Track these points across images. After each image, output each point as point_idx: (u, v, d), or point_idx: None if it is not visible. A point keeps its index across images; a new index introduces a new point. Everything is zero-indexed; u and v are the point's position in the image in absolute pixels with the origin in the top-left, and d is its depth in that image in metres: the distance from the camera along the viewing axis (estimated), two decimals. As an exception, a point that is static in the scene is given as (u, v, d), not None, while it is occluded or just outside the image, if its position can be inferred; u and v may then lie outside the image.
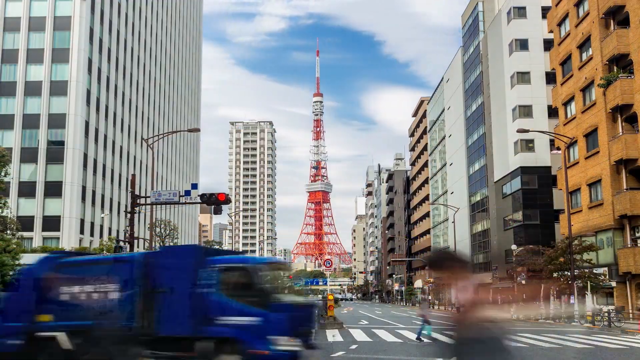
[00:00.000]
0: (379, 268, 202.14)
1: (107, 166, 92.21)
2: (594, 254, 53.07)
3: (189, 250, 20.86)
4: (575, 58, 59.59)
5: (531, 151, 75.42)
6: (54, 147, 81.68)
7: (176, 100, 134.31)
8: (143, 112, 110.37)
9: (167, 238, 75.22)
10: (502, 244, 79.50)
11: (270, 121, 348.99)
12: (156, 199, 37.38)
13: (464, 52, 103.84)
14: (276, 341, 16.14)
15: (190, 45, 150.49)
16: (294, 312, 17.30)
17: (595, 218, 55.10)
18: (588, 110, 56.51)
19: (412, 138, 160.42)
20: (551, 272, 51.90)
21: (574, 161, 59.31)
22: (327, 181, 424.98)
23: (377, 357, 21.69)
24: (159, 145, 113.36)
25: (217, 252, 20.83)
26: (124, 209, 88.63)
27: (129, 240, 38.51)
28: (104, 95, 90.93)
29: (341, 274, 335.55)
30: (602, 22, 54.64)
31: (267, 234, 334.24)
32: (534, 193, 74.90)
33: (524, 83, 76.72)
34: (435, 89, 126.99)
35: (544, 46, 76.27)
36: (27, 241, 77.85)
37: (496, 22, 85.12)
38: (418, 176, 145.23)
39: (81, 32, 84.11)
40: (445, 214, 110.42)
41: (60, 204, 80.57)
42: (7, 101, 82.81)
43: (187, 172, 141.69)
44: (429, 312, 31.51)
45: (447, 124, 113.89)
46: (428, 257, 8.13)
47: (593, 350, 24.58)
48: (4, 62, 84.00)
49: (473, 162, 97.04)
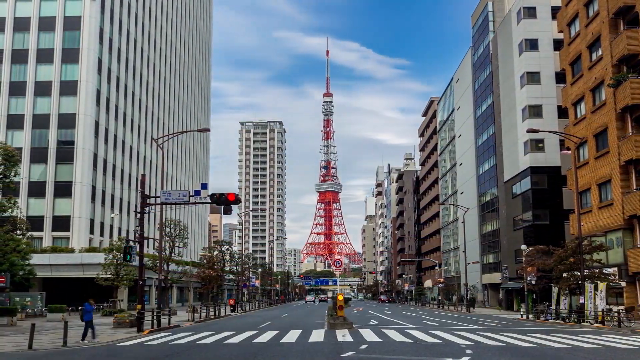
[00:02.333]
0: (389, 268, 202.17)
1: (117, 166, 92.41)
2: (603, 254, 52.92)
3: None
4: (585, 58, 59.44)
5: (541, 151, 75.24)
6: (64, 147, 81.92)
7: (186, 100, 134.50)
8: (153, 112, 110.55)
9: (177, 238, 75.11)
10: (512, 244, 79.37)
11: (280, 121, 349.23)
12: (166, 199, 37.42)
13: (474, 52, 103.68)
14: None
15: (200, 45, 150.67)
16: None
17: (605, 218, 54.97)
18: (598, 110, 56.36)
19: (422, 138, 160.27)
20: (561, 272, 51.75)
21: (584, 161, 59.17)
22: (336, 181, 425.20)
23: (387, 357, 21.67)
24: (169, 145, 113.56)
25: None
26: (134, 208, 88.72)
27: (139, 240, 38.53)
28: (113, 95, 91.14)
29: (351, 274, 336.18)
30: (612, 22, 54.50)
31: (277, 233, 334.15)
32: (544, 193, 74.74)
33: (533, 83, 76.55)
34: (445, 89, 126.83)
35: (554, 46, 76.09)
36: (37, 241, 78.18)
37: (506, 22, 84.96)
38: (428, 176, 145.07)
39: (91, 32, 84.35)
40: (455, 214, 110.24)
41: (70, 204, 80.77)
42: (17, 101, 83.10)
43: (197, 172, 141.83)
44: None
45: (457, 124, 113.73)
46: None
47: (603, 350, 24.51)
48: (14, 62, 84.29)
49: (483, 162, 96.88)
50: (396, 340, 28.12)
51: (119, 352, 24.74)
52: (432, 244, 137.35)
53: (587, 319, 45.21)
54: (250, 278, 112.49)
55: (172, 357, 22.18)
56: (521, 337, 30.66)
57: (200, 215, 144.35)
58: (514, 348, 24.65)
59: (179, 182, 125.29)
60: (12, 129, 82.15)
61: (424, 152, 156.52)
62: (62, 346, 27.33)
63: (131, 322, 39.39)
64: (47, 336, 33.29)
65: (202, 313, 54.52)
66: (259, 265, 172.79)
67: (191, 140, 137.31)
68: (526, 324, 47.32)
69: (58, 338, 30.29)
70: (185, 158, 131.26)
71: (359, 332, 33.55)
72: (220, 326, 41.52)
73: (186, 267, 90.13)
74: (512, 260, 79.00)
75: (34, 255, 65.88)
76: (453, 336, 30.69)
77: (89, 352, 25.24)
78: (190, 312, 52.30)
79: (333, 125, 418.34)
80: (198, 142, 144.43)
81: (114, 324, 40.78)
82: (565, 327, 42.36)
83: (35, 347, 26.53)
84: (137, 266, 40.88)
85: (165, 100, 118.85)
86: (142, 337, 32.60)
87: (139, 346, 27.20)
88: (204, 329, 37.86)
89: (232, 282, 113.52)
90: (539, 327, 41.06)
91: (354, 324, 39.77)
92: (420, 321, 49.32)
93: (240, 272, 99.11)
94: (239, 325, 42.91)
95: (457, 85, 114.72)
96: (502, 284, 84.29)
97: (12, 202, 47.49)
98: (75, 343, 28.61)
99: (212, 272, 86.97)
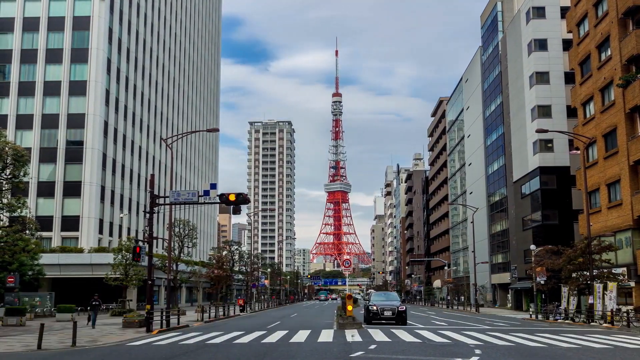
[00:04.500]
0: (398, 268, 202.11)
1: (126, 166, 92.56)
2: (612, 254, 52.83)
3: None
4: (594, 58, 59.35)
5: (550, 151, 75.14)
6: (73, 147, 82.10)
7: (195, 100, 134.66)
8: (162, 112, 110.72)
9: (186, 238, 75.26)
10: (521, 244, 79.28)
11: (289, 121, 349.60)
12: (175, 199, 37.46)
13: (483, 52, 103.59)
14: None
15: (209, 45, 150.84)
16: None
17: (614, 218, 54.88)
18: (607, 110, 56.26)
19: (431, 138, 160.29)
20: (570, 272, 51.68)
21: (593, 161, 59.08)
22: (345, 181, 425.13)
23: (396, 357, 21.63)
24: (178, 145, 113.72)
25: None
26: (143, 208, 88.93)
27: (148, 240, 38.57)
28: (122, 95, 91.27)
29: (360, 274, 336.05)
30: (621, 22, 54.39)
31: (286, 233, 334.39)
32: (553, 193, 74.63)
33: (543, 83, 76.45)
34: (454, 89, 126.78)
35: (563, 46, 76.00)
36: (46, 241, 78.36)
37: (515, 22, 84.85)
38: (437, 176, 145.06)
39: (100, 32, 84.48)
40: (464, 214, 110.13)
41: (79, 204, 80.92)
42: (26, 101, 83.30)
43: (206, 172, 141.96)
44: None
45: (466, 124, 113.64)
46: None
47: (612, 350, 24.44)
48: (23, 62, 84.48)
49: (492, 162, 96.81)
50: (405, 340, 28.08)
51: (128, 352, 24.75)
52: (441, 244, 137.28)
53: (596, 319, 45.14)
54: (259, 278, 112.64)
55: (181, 357, 22.19)
56: (530, 337, 30.59)
57: (210, 215, 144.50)
58: (523, 348, 24.60)
59: (188, 182, 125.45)
60: (22, 129, 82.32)
61: (433, 152, 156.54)
62: (71, 346, 27.37)
63: (140, 322, 39.44)
64: (56, 336, 33.35)
65: (211, 313, 54.54)
66: (268, 265, 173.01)
67: (200, 141, 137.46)
68: (535, 324, 47.26)
69: (67, 338, 30.34)
70: (194, 158, 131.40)
71: (368, 332, 33.50)
72: (229, 326, 41.52)
73: (195, 267, 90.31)
74: (521, 260, 78.93)
75: (43, 255, 66.11)
76: (462, 336, 30.65)
77: (98, 352, 25.27)
78: (200, 312, 52.38)
79: (342, 125, 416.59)
80: (207, 142, 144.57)
81: (123, 324, 40.81)
82: (575, 327, 42.27)
83: (44, 347, 26.58)
84: (146, 266, 40.94)
85: (174, 100, 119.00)
86: (151, 337, 32.63)
87: (148, 346, 27.22)
88: (213, 329, 37.86)
89: (241, 282, 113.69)
90: (548, 327, 40.99)
91: (363, 323, 39.77)
92: (430, 321, 49.29)
93: (249, 272, 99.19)
94: (248, 325, 42.91)
95: (466, 85, 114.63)
96: (511, 284, 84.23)
97: (21, 202, 47.53)
98: (85, 343, 28.69)
99: (221, 272, 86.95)
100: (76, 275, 74.62)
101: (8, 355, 24.49)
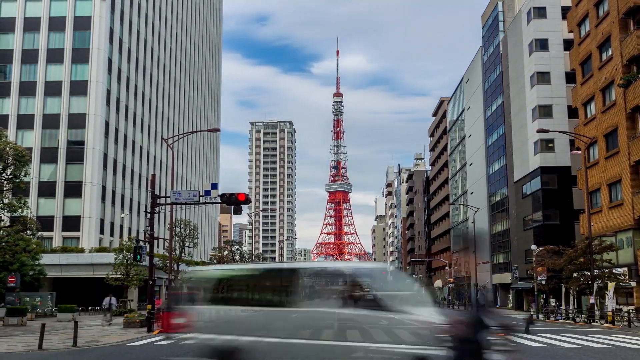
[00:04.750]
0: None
1: (127, 166, 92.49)
2: (613, 254, 52.82)
3: None
4: (595, 58, 59.36)
5: (551, 151, 75.17)
6: (74, 147, 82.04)
7: (196, 100, 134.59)
8: (163, 112, 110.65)
9: (187, 238, 75.23)
10: (522, 244, 79.29)
11: (290, 121, 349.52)
12: (176, 199, 37.44)
13: (484, 52, 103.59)
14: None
15: (210, 45, 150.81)
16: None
17: (615, 218, 54.87)
18: (608, 110, 56.26)
19: (432, 138, 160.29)
20: (571, 272, 51.71)
21: (594, 161, 59.09)
22: (346, 181, 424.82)
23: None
24: (179, 145, 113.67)
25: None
26: (144, 208, 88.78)
27: (149, 240, 38.59)
28: (123, 95, 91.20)
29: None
30: (622, 22, 54.39)
31: (287, 233, 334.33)
32: (554, 193, 74.64)
33: (544, 83, 76.48)
34: (455, 89, 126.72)
35: (564, 46, 76.04)
36: (47, 241, 78.25)
37: (516, 22, 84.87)
38: (438, 176, 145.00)
39: (101, 32, 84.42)
40: (465, 214, 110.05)
41: (80, 204, 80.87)
42: (27, 101, 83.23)
43: (207, 172, 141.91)
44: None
45: (467, 124, 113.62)
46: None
47: (613, 350, 24.47)
48: (24, 62, 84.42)
49: (493, 162, 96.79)
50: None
51: (129, 352, 24.80)
52: (442, 244, 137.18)
53: (597, 319, 45.15)
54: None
55: (183, 357, 22.20)
56: (531, 337, 30.59)
57: (210, 215, 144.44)
58: (524, 348, 24.59)
59: (189, 182, 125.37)
60: (22, 129, 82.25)
61: (434, 152, 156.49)
62: (72, 346, 27.39)
63: (141, 322, 39.45)
64: (58, 336, 33.35)
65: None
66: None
67: (201, 141, 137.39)
68: (536, 323, 47.28)
69: (68, 338, 30.32)
70: (195, 158, 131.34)
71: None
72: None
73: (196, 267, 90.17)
74: (522, 260, 78.94)
75: (44, 255, 66.05)
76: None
77: (99, 352, 25.30)
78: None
79: (343, 125, 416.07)
80: (208, 142, 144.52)
81: (124, 324, 40.78)
82: (575, 327, 42.30)
83: (45, 347, 26.61)
84: (147, 266, 40.96)
85: (176, 100, 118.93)
86: (152, 337, 32.62)
87: (149, 346, 27.25)
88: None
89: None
90: (549, 327, 41.03)
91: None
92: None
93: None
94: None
95: (467, 85, 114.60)
96: (512, 284, 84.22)
97: (22, 202, 47.50)
98: (85, 343, 28.71)
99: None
100: (77, 275, 74.54)
101: (9, 355, 24.52)
